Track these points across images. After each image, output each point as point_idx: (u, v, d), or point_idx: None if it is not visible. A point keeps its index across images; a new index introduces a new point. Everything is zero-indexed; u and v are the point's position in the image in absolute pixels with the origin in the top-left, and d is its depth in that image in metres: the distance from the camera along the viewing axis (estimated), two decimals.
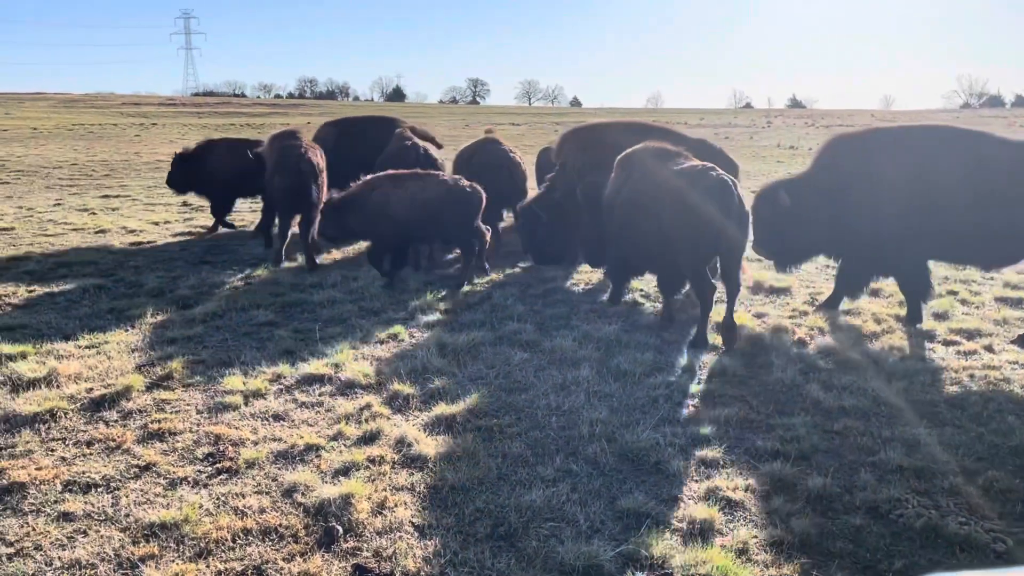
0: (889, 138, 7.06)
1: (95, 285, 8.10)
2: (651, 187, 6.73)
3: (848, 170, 6.86)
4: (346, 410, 5.07)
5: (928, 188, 6.52)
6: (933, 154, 6.67)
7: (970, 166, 6.47)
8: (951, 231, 6.54)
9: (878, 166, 6.74)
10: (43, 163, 22.45)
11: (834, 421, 4.95)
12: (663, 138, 9.13)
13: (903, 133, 7.13)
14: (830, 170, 6.96)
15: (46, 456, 4.44)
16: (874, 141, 7.05)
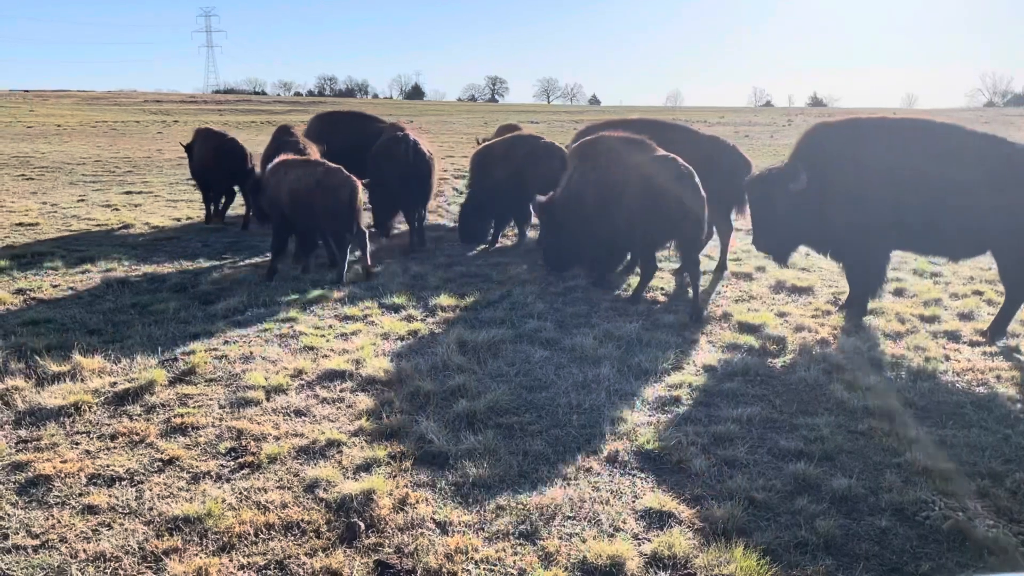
0: (865, 128, 7.02)
1: (118, 280, 8.17)
2: (620, 174, 7.42)
3: (825, 158, 6.85)
4: (367, 406, 5.08)
5: (901, 178, 6.51)
6: (907, 145, 6.67)
7: (942, 158, 6.47)
8: (921, 221, 6.54)
9: (853, 154, 6.72)
10: (67, 159, 22.67)
11: (858, 421, 4.89)
12: (676, 135, 9.13)
13: (880, 124, 7.09)
14: (808, 159, 6.95)
15: (71, 449, 4.48)
16: (850, 130, 7.02)
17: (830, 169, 6.78)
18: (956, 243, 6.66)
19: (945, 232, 6.53)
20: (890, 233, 6.74)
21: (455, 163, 21.63)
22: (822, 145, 6.99)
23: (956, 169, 6.37)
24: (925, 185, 6.42)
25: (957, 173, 6.35)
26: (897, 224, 6.62)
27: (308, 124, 12.42)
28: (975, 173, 6.31)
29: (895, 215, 6.56)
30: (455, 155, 24.07)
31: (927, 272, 8.80)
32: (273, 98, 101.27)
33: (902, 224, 6.61)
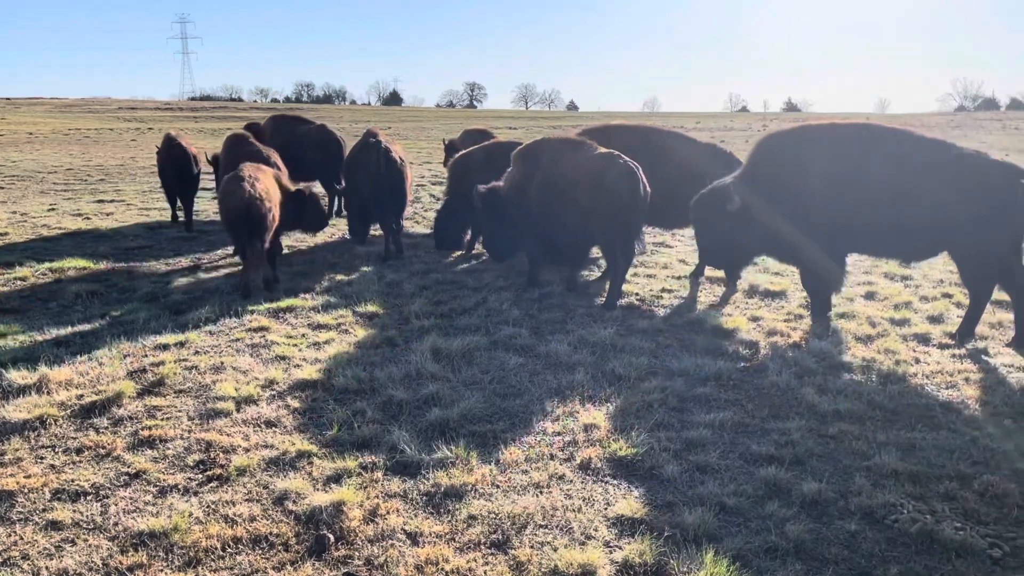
0: (815, 135, 7.10)
1: (88, 290, 8.06)
2: (567, 172, 7.80)
3: (777, 167, 6.95)
4: (339, 416, 5.04)
5: (851, 183, 6.58)
6: (856, 150, 6.72)
7: (891, 162, 6.56)
8: (873, 225, 6.63)
9: (804, 162, 6.80)
10: (38, 168, 22.39)
11: (829, 425, 4.92)
12: (670, 142, 9.21)
13: (830, 130, 7.16)
14: (762, 167, 7.04)
15: (35, 464, 4.40)
16: (801, 138, 7.09)
17: (782, 177, 6.86)
18: (908, 245, 6.75)
19: (897, 235, 6.63)
20: (843, 237, 6.82)
21: (432, 169, 21.61)
22: (774, 154, 7.07)
23: (906, 173, 6.47)
24: (876, 189, 6.51)
25: (907, 177, 6.45)
26: (849, 228, 6.70)
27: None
28: (924, 176, 6.41)
29: (846, 219, 6.63)
30: (432, 161, 24.03)
31: (897, 275, 8.89)
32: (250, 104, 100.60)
33: (854, 228, 6.69)
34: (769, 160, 7.06)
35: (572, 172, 7.75)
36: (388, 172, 9.80)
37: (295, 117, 14.29)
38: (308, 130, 13.14)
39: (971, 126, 53.72)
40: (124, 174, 21.09)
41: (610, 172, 7.48)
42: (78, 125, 51.31)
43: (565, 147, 8.23)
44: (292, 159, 11.28)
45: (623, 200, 7.42)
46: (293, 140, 12.56)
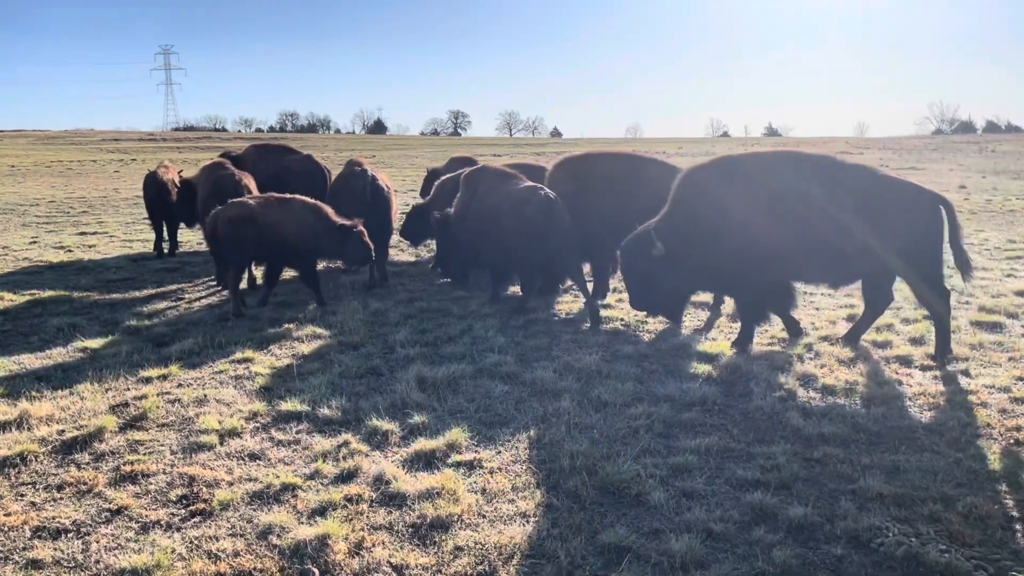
0: (738, 166, 7.19)
1: (70, 324, 7.99)
2: (495, 201, 8.50)
3: (700, 202, 6.95)
4: (323, 448, 5.01)
5: (778, 211, 6.65)
6: (781, 178, 6.83)
7: (815, 188, 6.66)
8: (802, 252, 6.71)
9: (726, 194, 6.84)
10: (20, 201, 22.28)
11: (814, 449, 4.94)
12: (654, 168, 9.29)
13: (751, 160, 7.29)
14: (686, 204, 7.03)
15: (15, 501, 4.34)
16: (723, 170, 7.15)
17: (706, 211, 6.88)
18: (837, 270, 6.90)
19: (825, 261, 6.75)
20: (771, 266, 6.84)
21: (417, 197, 21.64)
22: (695, 189, 7.03)
23: (834, 199, 6.56)
24: (807, 215, 6.58)
25: (835, 203, 6.55)
26: (776, 257, 6.76)
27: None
28: (852, 202, 6.54)
29: (772, 249, 6.69)
30: (417, 188, 24.09)
31: None
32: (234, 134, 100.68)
33: (781, 256, 6.75)
34: (691, 196, 7.02)
35: (500, 201, 8.47)
36: (374, 201, 9.84)
37: (279, 146, 14.33)
38: (293, 160, 13.17)
39: (949, 149, 54.55)
40: (107, 206, 21.01)
41: (530, 203, 8.11)
42: (61, 157, 51.14)
43: (497, 177, 8.98)
44: (276, 189, 11.29)
45: (539, 228, 8.02)
46: (279, 170, 12.58)
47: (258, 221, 8.49)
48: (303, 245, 8.64)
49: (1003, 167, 36.40)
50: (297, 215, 8.66)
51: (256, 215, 8.51)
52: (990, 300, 8.71)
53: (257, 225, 8.48)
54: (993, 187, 25.71)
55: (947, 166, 37.11)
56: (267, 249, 8.65)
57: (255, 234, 8.46)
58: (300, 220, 8.63)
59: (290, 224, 8.58)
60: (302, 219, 8.64)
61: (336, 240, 8.73)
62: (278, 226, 8.54)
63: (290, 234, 8.56)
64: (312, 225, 8.65)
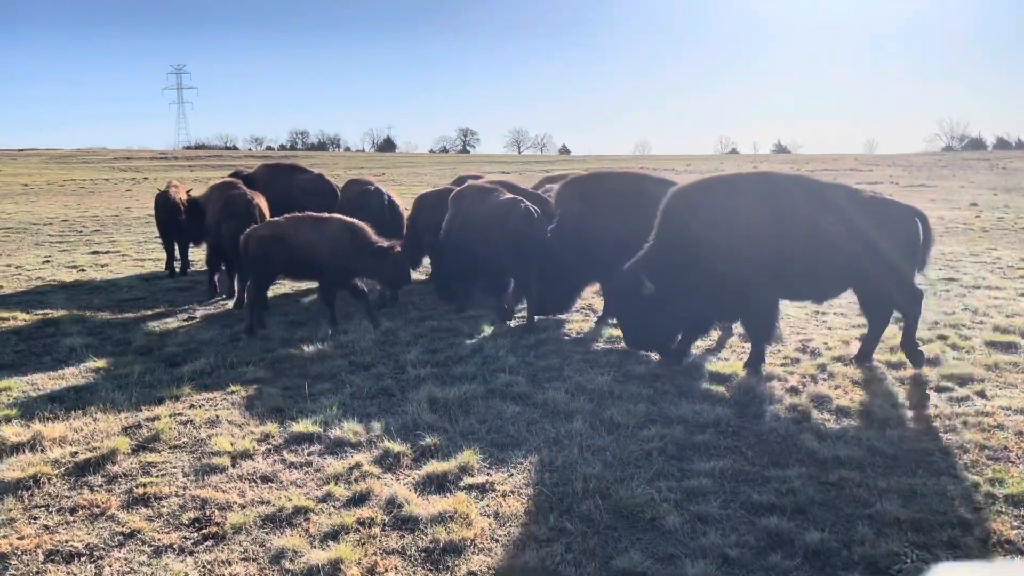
0: (717, 189, 7.20)
1: (83, 344, 8.02)
2: (479, 215, 8.92)
3: (690, 229, 6.93)
4: (335, 470, 5.00)
5: (765, 230, 6.74)
6: (763, 198, 6.92)
7: (798, 207, 6.81)
8: (792, 271, 6.81)
9: (717, 218, 6.86)
10: (33, 220, 22.46)
11: (829, 472, 4.90)
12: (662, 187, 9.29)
13: (731, 182, 7.30)
14: (672, 233, 7.02)
15: (28, 524, 4.34)
16: (704, 195, 7.14)
17: (694, 238, 6.88)
18: (824, 286, 7.08)
19: (812, 277, 6.90)
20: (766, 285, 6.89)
21: None
22: (678, 218, 7.03)
23: (819, 217, 6.72)
24: (792, 234, 6.70)
25: (820, 221, 6.70)
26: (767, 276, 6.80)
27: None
28: (836, 219, 6.69)
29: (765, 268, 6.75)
30: None
31: (892, 318, 8.89)
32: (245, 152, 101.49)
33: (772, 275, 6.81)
34: (675, 225, 7.01)
35: (487, 212, 8.90)
36: (393, 219, 9.96)
37: (290, 165, 14.41)
38: (304, 179, 13.23)
39: (959, 166, 54.44)
40: (119, 224, 21.17)
41: (512, 214, 8.55)
42: (74, 176, 51.61)
43: (481, 192, 9.46)
44: (287, 209, 11.38)
45: (521, 238, 8.46)
46: (290, 189, 12.64)
47: (289, 241, 8.59)
48: (336, 264, 8.65)
49: (1015, 184, 36.29)
50: (333, 234, 8.68)
51: (287, 235, 8.61)
52: (1004, 320, 8.65)
53: (288, 245, 8.58)
54: (1005, 204, 25.62)
55: (958, 183, 37.02)
56: (298, 268, 8.75)
57: (286, 253, 8.57)
58: (336, 240, 8.65)
59: (325, 244, 8.62)
60: (338, 239, 8.67)
61: (374, 261, 8.71)
62: (311, 245, 8.58)
63: (324, 253, 8.59)
64: (349, 245, 8.67)
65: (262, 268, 8.69)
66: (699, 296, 6.94)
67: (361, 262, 8.68)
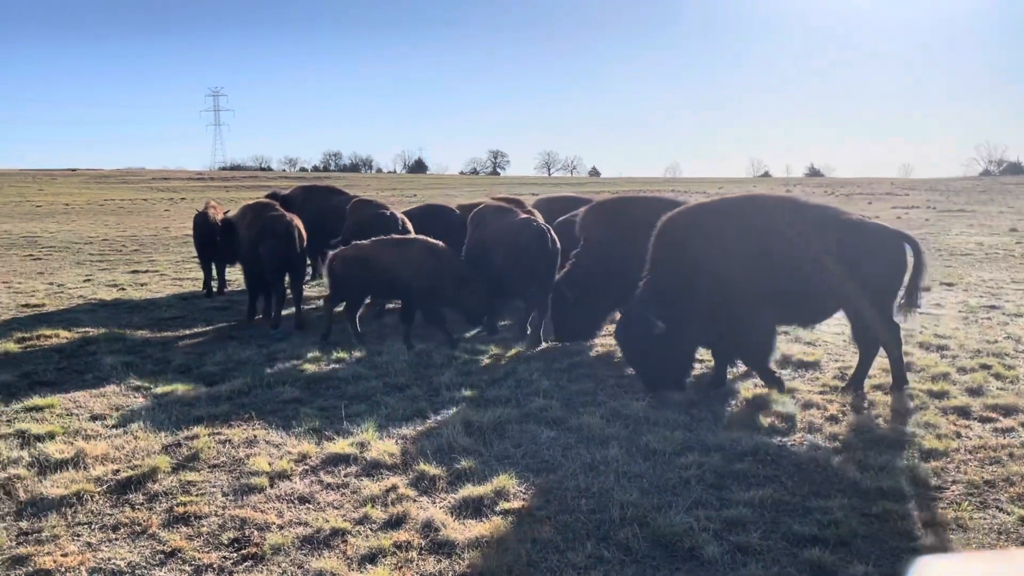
0: (707, 215, 7.16)
1: (123, 362, 8.15)
2: (494, 232, 9.37)
3: (682, 256, 6.91)
4: (372, 492, 5.01)
5: (758, 255, 6.75)
6: (753, 222, 6.92)
7: (790, 230, 6.81)
8: (785, 293, 6.80)
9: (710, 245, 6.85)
10: (74, 239, 22.95)
11: (872, 504, 4.80)
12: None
13: (720, 207, 7.26)
14: (672, 263, 6.97)
15: (72, 541, 4.40)
16: (702, 219, 7.11)
17: (691, 266, 6.86)
18: (814, 309, 7.09)
19: (803, 300, 6.90)
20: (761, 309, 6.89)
21: None
22: (672, 245, 7.01)
23: (809, 241, 6.74)
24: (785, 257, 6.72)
25: (811, 244, 6.72)
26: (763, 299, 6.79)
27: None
28: (826, 242, 6.70)
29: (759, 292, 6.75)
30: None
31: (933, 345, 8.77)
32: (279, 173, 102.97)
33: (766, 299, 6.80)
34: (672, 255, 6.98)
35: (502, 231, 9.26)
36: None
37: (325, 187, 14.60)
38: (339, 202, 13.37)
39: (998, 191, 53.54)
40: (158, 244, 21.55)
41: (524, 233, 8.94)
42: (113, 196, 52.72)
43: (498, 212, 9.92)
44: (322, 231, 11.54)
45: (533, 254, 8.81)
46: (326, 211, 12.78)
47: (371, 263, 8.88)
48: (418, 285, 8.81)
49: None
50: (416, 257, 8.87)
51: (370, 257, 8.90)
52: None
53: (370, 266, 8.87)
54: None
55: (996, 208, 36.38)
56: (382, 288, 9.05)
57: (368, 274, 8.88)
58: (420, 262, 8.84)
59: (407, 265, 8.83)
60: (422, 262, 8.85)
61: (456, 287, 8.84)
62: (393, 267, 8.84)
63: (406, 275, 8.80)
64: (433, 268, 8.81)
65: (348, 289, 9.07)
66: (697, 325, 6.88)
67: (443, 286, 8.81)
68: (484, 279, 9.03)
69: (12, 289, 13.29)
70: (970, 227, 25.78)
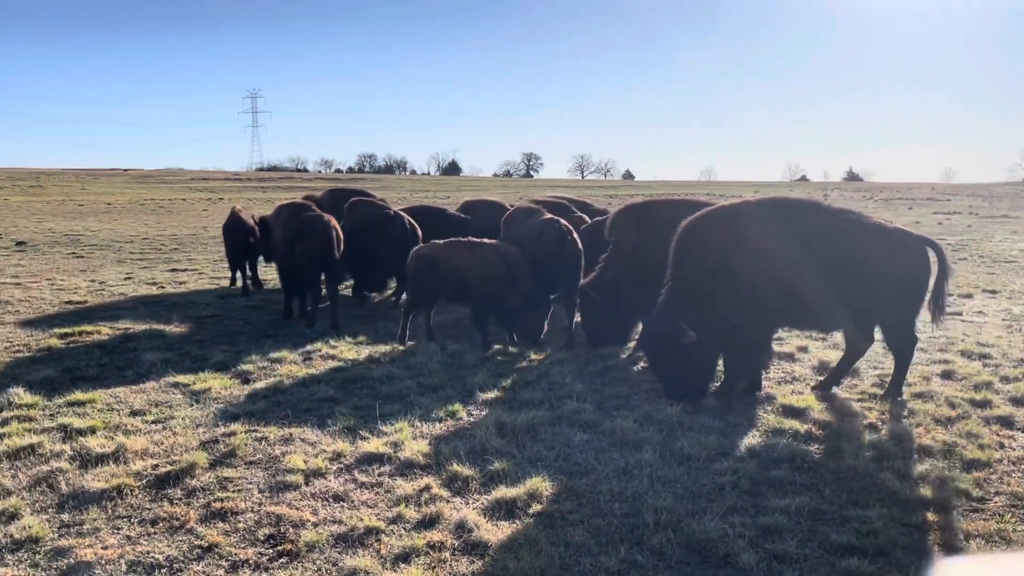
0: (729, 217, 7.02)
1: (162, 359, 8.29)
2: (518, 234, 9.62)
3: (711, 260, 6.77)
4: (405, 491, 5.03)
5: (780, 259, 6.62)
6: (776, 226, 6.79)
7: (816, 234, 6.72)
8: (805, 297, 6.66)
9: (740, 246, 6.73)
10: (115, 237, 23.40)
11: (912, 513, 4.71)
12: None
13: (742, 209, 7.12)
14: (694, 268, 6.85)
15: (112, 534, 4.48)
16: (722, 223, 6.96)
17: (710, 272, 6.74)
18: (836, 314, 6.86)
19: (828, 305, 6.72)
20: (778, 314, 6.86)
21: None
22: (694, 249, 6.89)
23: (835, 245, 6.66)
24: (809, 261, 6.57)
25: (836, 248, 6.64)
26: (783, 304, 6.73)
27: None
28: (852, 246, 6.63)
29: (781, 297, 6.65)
30: None
31: (975, 354, 8.58)
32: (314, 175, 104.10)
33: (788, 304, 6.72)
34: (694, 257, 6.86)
35: (526, 232, 9.50)
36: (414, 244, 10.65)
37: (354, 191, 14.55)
38: None
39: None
40: (196, 243, 21.89)
41: (546, 233, 9.10)
42: (153, 195, 53.69)
43: (526, 213, 10.23)
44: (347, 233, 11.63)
45: (553, 254, 8.97)
46: None
47: (440, 263, 9.03)
48: (484, 290, 8.83)
49: None
50: (485, 261, 8.90)
51: (439, 257, 9.08)
52: None
53: (440, 266, 9.04)
54: None
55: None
56: (451, 289, 9.12)
57: (436, 274, 9.04)
58: (488, 266, 8.86)
59: (474, 268, 8.90)
60: (491, 265, 8.86)
61: (517, 300, 8.77)
62: (461, 268, 8.95)
63: (473, 277, 8.87)
64: (500, 274, 8.81)
65: (418, 286, 9.24)
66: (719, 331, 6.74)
67: (506, 294, 8.75)
68: (547, 300, 8.97)
69: (55, 286, 13.59)
70: (1014, 234, 25.20)
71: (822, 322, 7.16)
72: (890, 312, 6.82)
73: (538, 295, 8.87)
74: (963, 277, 14.78)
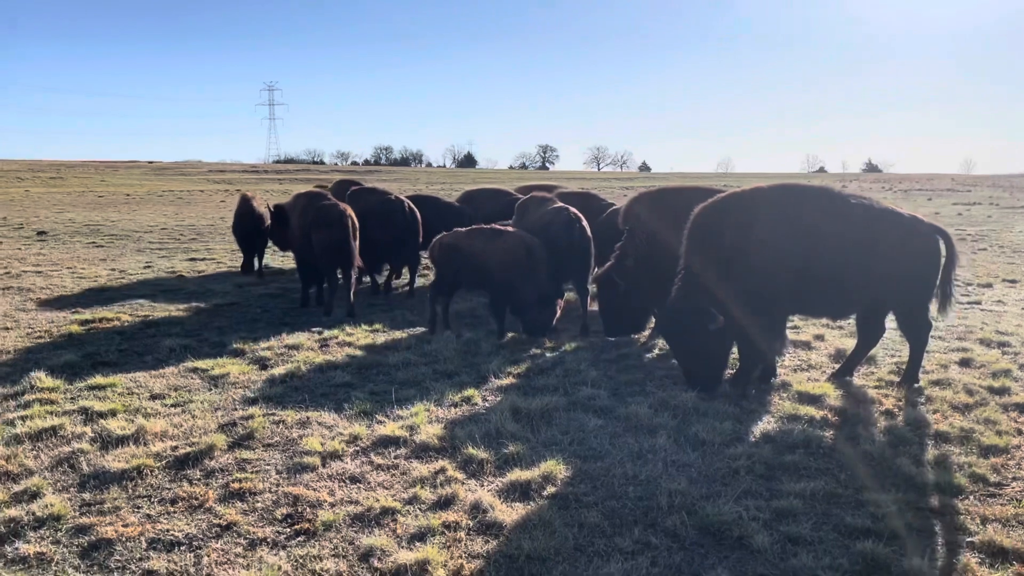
0: (739, 203, 6.96)
1: (181, 345, 8.38)
2: (532, 221, 9.64)
3: (720, 243, 6.74)
4: (421, 473, 5.08)
5: (791, 244, 6.62)
6: (789, 212, 6.77)
7: (828, 220, 6.69)
8: (820, 283, 6.66)
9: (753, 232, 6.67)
10: (135, 227, 23.62)
11: (928, 498, 4.70)
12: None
13: (753, 195, 7.04)
14: (705, 256, 6.80)
15: (132, 513, 4.55)
16: (734, 209, 6.91)
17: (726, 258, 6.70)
18: (848, 301, 6.96)
19: (840, 292, 6.77)
20: (789, 300, 6.84)
21: None
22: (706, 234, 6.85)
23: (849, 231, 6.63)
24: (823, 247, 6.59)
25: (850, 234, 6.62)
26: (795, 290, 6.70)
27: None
28: (865, 233, 6.61)
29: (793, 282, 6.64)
30: None
31: (994, 342, 8.51)
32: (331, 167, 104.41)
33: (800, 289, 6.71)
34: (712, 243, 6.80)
35: (536, 221, 9.57)
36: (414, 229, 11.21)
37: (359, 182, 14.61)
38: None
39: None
40: (214, 233, 22.05)
41: (554, 222, 9.27)
42: (171, 187, 54.09)
43: (537, 202, 10.34)
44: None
45: (561, 242, 9.09)
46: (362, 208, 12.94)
47: (463, 250, 9.07)
48: (503, 277, 8.80)
49: None
50: (506, 248, 8.86)
51: (462, 244, 9.12)
52: None
53: (463, 253, 9.07)
54: None
55: None
56: (473, 275, 9.11)
57: (460, 260, 9.08)
58: (509, 254, 8.82)
59: (496, 255, 8.88)
60: (513, 253, 8.82)
61: (534, 292, 8.74)
62: (482, 255, 8.95)
63: (494, 264, 8.85)
64: (520, 263, 8.77)
65: (442, 273, 9.29)
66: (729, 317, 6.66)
67: (524, 283, 8.69)
68: (558, 296, 9.00)
69: (76, 274, 13.75)
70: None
71: (835, 308, 7.15)
72: (903, 298, 6.83)
73: (550, 287, 8.86)
74: (983, 267, 14.65)
